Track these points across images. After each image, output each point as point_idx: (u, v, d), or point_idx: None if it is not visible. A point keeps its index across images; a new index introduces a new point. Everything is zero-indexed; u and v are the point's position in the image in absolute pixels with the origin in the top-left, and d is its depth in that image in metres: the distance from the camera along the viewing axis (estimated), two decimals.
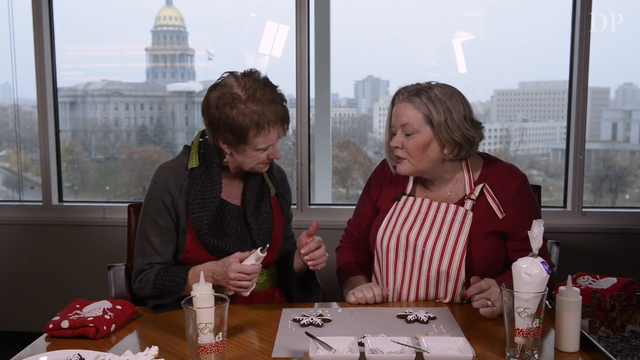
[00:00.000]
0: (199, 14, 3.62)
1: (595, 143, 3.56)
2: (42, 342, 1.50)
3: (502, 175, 1.82)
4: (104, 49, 3.66)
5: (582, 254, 3.07)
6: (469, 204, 1.79)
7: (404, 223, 1.83)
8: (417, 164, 1.78)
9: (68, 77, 3.59)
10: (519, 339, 1.32)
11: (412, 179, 1.90)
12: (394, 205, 1.88)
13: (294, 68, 3.14)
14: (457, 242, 1.76)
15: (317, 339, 1.35)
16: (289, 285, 1.93)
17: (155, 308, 1.72)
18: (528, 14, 3.31)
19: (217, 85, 1.74)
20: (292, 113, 1.77)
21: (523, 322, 1.30)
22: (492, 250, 1.79)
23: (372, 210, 1.97)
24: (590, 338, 1.39)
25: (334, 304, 1.78)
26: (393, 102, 1.82)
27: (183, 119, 3.75)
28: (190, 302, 1.28)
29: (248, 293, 1.65)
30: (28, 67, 3.28)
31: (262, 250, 1.61)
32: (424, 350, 1.30)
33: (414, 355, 1.29)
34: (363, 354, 1.30)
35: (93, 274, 3.25)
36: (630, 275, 1.77)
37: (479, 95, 3.67)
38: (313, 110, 3.29)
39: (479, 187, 1.80)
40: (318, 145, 3.34)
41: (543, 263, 1.32)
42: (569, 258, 2.94)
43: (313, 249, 1.71)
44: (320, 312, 1.67)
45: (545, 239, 1.86)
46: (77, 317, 1.54)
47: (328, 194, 3.44)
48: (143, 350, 1.31)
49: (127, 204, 2.19)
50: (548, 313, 1.52)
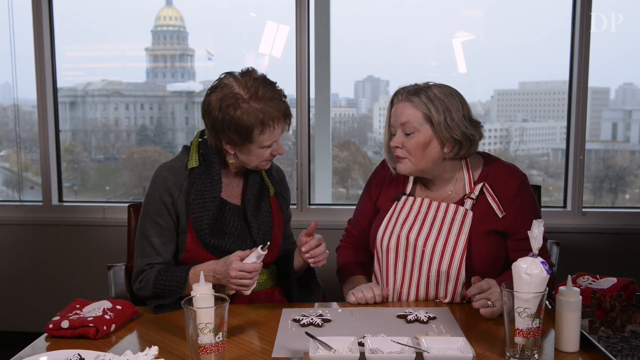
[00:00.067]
0: (199, 14, 3.62)
1: (595, 143, 3.56)
2: (42, 342, 1.50)
3: (502, 175, 1.82)
4: (104, 49, 3.66)
5: (582, 254, 3.07)
6: (469, 203, 1.79)
7: (404, 223, 1.83)
8: (417, 163, 1.78)
9: (68, 77, 3.59)
10: (519, 339, 1.32)
11: (412, 179, 1.90)
12: (394, 205, 1.88)
13: (294, 68, 3.14)
14: (457, 241, 1.76)
15: (317, 339, 1.35)
16: (289, 285, 1.93)
17: (157, 308, 1.71)
18: (528, 14, 3.31)
19: (216, 87, 1.73)
20: (292, 112, 1.79)
21: (523, 322, 1.30)
22: (492, 250, 1.79)
23: (372, 210, 1.97)
24: (590, 338, 1.39)
25: (334, 304, 1.78)
26: (392, 102, 1.82)
27: (183, 119, 3.75)
28: (190, 302, 1.28)
29: (249, 292, 1.65)
30: (28, 67, 3.28)
31: (263, 248, 1.61)
32: (424, 350, 1.30)
33: (414, 355, 1.29)
34: (363, 354, 1.30)
35: (93, 274, 3.25)
36: (630, 275, 1.77)
37: (479, 95, 3.68)
38: (313, 110, 3.29)
39: (479, 186, 1.80)
40: (318, 145, 3.34)
41: (543, 263, 1.32)
42: (569, 258, 2.94)
43: (314, 247, 1.72)
44: (320, 312, 1.66)
45: (545, 239, 1.86)
46: (77, 317, 1.54)
47: (328, 194, 3.44)
48: (143, 350, 1.31)
49: (127, 204, 2.20)
50: (548, 313, 1.52)
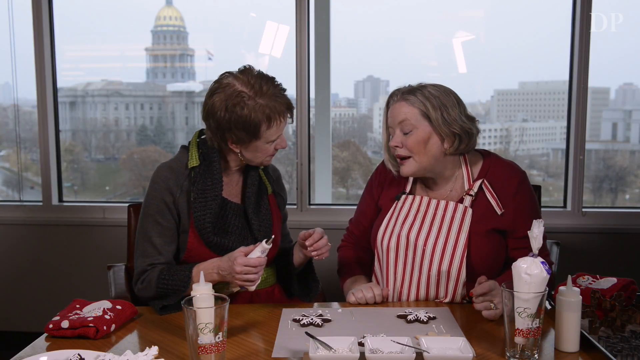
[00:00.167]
0: (199, 14, 3.62)
1: (595, 143, 3.56)
2: (42, 342, 1.50)
3: (502, 173, 1.83)
4: (104, 49, 3.66)
5: (582, 254, 3.07)
6: (468, 200, 1.79)
7: (404, 222, 1.83)
8: (420, 160, 1.78)
9: (68, 77, 3.59)
10: (519, 339, 1.32)
11: (412, 178, 1.90)
12: (394, 205, 1.88)
13: (294, 68, 3.14)
14: (457, 241, 1.76)
15: (317, 339, 1.35)
16: (289, 282, 1.94)
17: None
18: (528, 14, 3.31)
19: (217, 88, 1.73)
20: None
21: (523, 322, 1.30)
22: (492, 249, 1.78)
23: (373, 209, 1.97)
24: (590, 338, 1.39)
25: (334, 304, 1.78)
26: (387, 104, 1.83)
27: (183, 119, 3.74)
28: (190, 302, 1.28)
29: (254, 287, 1.65)
30: (28, 67, 3.28)
31: (267, 242, 1.62)
32: (424, 350, 1.30)
33: (414, 355, 1.29)
34: (363, 354, 1.30)
35: (93, 274, 3.25)
36: (630, 275, 1.77)
37: (479, 95, 3.67)
38: (313, 110, 3.29)
39: (478, 183, 1.81)
40: (318, 145, 3.34)
41: (543, 263, 1.32)
42: (569, 258, 2.94)
43: (317, 240, 1.73)
44: (320, 312, 1.66)
45: (545, 238, 1.86)
46: (77, 317, 1.53)
47: (328, 194, 3.44)
48: (143, 350, 1.31)
49: (127, 204, 2.20)
50: (548, 313, 1.52)
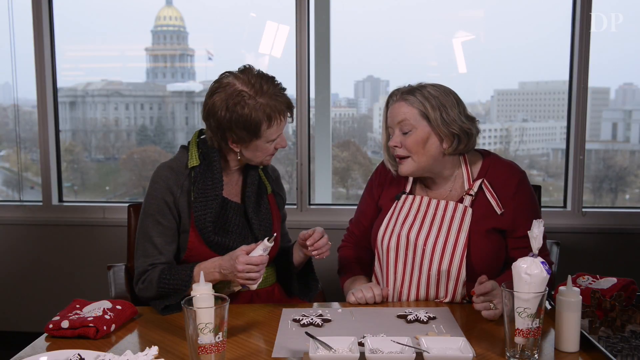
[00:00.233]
0: (199, 14, 3.62)
1: (595, 143, 3.56)
2: (42, 342, 1.50)
3: (501, 172, 1.83)
4: (104, 49, 3.66)
5: (582, 254, 3.07)
6: (468, 200, 1.79)
7: (404, 222, 1.83)
8: (419, 160, 1.78)
9: (68, 77, 3.59)
10: (519, 339, 1.32)
11: (412, 178, 1.90)
12: (394, 205, 1.88)
13: (294, 68, 3.14)
14: (457, 240, 1.76)
15: (317, 339, 1.35)
16: (288, 281, 1.94)
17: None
18: (528, 14, 3.31)
19: (218, 88, 1.73)
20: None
21: (523, 322, 1.30)
22: (492, 249, 1.78)
23: (374, 209, 1.98)
24: (590, 338, 1.39)
25: (334, 304, 1.78)
26: (387, 104, 1.83)
27: (183, 119, 3.74)
28: (190, 302, 1.28)
29: (256, 286, 1.65)
30: (28, 67, 3.28)
31: (269, 240, 1.62)
32: (424, 350, 1.30)
33: (414, 355, 1.29)
34: (363, 354, 1.30)
35: (93, 274, 3.25)
36: (630, 275, 1.77)
37: (479, 95, 3.67)
38: (313, 110, 3.29)
39: (478, 182, 1.81)
40: (318, 145, 3.34)
41: (543, 263, 1.32)
42: (569, 258, 2.94)
43: (317, 239, 1.73)
44: (320, 312, 1.66)
45: (545, 237, 1.86)
46: (77, 317, 1.53)
47: (328, 194, 3.44)
48: (143, 350, 1.31)
49: (127, 204, 2.19)
50: (548, 313, 1.52)
